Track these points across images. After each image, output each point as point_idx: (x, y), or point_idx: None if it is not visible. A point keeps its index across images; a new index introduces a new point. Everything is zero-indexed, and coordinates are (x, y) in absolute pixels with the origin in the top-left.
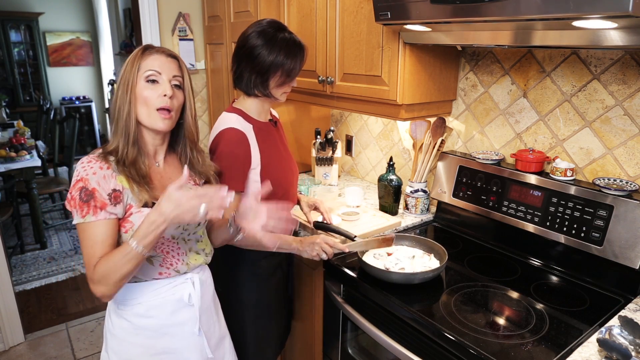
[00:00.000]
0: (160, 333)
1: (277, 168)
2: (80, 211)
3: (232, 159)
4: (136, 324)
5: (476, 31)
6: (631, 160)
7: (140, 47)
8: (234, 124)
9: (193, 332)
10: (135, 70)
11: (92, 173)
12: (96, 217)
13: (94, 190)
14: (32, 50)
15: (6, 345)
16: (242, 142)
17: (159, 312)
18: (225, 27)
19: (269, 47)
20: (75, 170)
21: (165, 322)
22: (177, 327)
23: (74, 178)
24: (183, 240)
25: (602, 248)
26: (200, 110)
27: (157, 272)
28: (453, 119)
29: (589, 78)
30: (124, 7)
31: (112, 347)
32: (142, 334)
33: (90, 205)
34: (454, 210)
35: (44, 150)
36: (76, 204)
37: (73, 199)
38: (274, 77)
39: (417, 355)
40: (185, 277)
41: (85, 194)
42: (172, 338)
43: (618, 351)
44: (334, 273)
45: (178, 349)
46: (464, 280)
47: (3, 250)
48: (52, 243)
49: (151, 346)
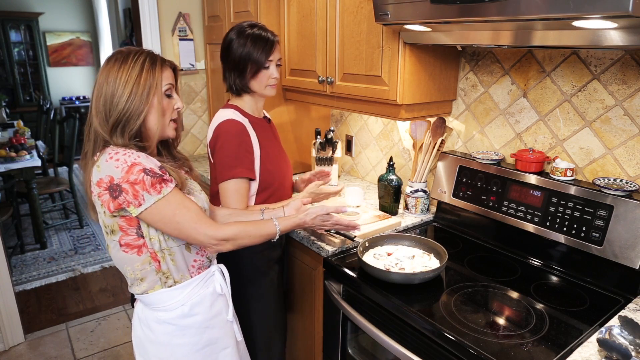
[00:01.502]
0: (203, 328)
1: (273, 160)
2: (153, 189)
3: (236, 146)
4: (182, 324)
5: (476, 31)
6: (631, 160)
7: (149, 59)
8: (232, 116)
9: (227, 320)
10: (158, 81)
11: (137, 157)
12: (170, 188)
13: (152, 170)
14: (32, 50)
15: (6, 345)
16: (242, 132)
17: (202, 308)
18: (225, 27)
19: (239, 40)
20: (110, 166)
21: (207, 316)
22: (216, 318)
23: (116, 169)
24: None
25: (602, 248)
26: (200, 110)
27: (192, 259)
28: (453, 119)
29: (589, 78)
30: (124, 7)
31: (156, 354)
32: (187, 333)
33: (162, 179)
34: (454, 210)
35: (44, 150)
36: (146, 185)
37: (134, 184)
38: (247, 69)
39: (417, 355)
40: (212, 270)
41: (151, 172)
42: (212, 330)
43: (618, 351)
44: (334, 273)
45: (218, 338)
46: (464, 280)
47: (3, 250)
48: (52, 243)
49: (196, 343)
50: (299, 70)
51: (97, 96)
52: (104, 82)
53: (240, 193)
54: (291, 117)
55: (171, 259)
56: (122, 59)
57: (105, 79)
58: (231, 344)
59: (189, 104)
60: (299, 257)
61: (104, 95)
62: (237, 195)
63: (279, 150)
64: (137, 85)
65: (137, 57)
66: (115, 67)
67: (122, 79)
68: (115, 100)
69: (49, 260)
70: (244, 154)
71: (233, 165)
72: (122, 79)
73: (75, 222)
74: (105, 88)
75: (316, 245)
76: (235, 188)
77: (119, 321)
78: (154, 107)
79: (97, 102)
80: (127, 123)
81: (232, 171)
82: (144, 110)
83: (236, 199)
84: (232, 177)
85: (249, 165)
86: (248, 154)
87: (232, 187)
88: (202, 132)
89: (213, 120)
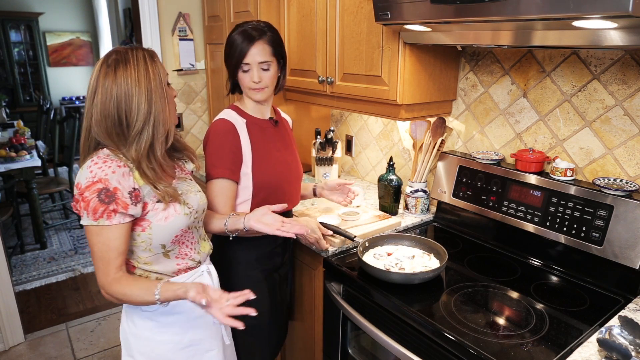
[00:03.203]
0: (186, 327)
1: (269, 165)
2: (93, 214)
3: (218, 146)
4: (163, 322)
5: (476, 31)
6: (631, 160)
7: (147, 54)
8: (224, 116)
9: (214, 321)
10: (162, 71)
11: (112, 172)
12: (110, 222)
13: (115, 191)
14: (32, 50)
15: (6, 345)
16: (229, 132)
17: (184, 308)
18: (225, 27)
19: (229, 38)
20: (85, 173)
21: (190, 316)
22: (200, 319)
23: (85, 179)
24: (195, 229)
25: (602, 248)
26: (200, 110)
27: (175, 264)
28: (453, 119)
29: (589, 78)
30: (124, 7)
31: (138, 348)
32: (169, 330)
33: (108, 208)
34: (454, 210)
35: (44, 150)
36: (90, 206)
37: (86, 200)
38: (236, 68)
39: (417, 355)
40: (201, 270)
41: (106, 195)
42: (196, 330)
43: (618, 351)
44: (334, 273)
45: (202, 339)
46: (464, 280)
47: (3, 250)
48: (52, 243)
49: (178, 341)
50: (299, 70)
51: (105, 100)
52: (110, 84)
53: (223, 194)
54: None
55: (147, 267)
56: (124, 59)
57: (112, 80)
58: (217, 346)
59: (189, 104)
60: (299, 257)
61: (115, 97)
62: (221, 196)
63: (281, 154)
64: (149, 80)
65: (136, 53)
66: (121, 68)
67: (133, 76)
68: (135, 101)
69: (49, 260)
70: (227, 154)
71: (215, 165)
72: (133, 76)
73: (75, 222)
74: (115, 90)
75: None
76: (217, 188)
77: (119, 321)
78: (164, 99)
79: (103, 106)
80: (157, 124)
81: (214, 170)
82: (164, 107)
83: (220, 200)
84: (213, 177)
85: (231, 166)
86: (232, 155)
87: (214, 187)
88: (202, 132)
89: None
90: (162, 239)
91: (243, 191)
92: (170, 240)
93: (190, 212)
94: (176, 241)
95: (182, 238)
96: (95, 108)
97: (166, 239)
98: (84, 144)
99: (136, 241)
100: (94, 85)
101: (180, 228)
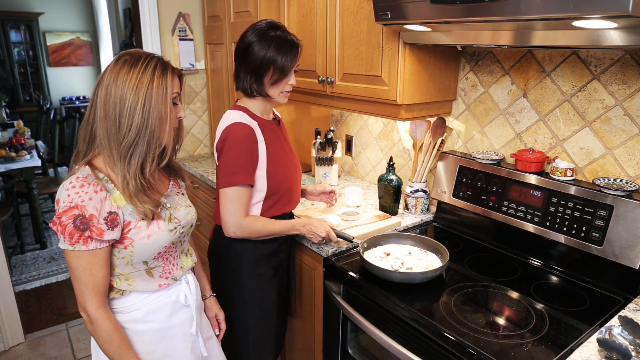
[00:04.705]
0: (159, 337)
1: (282, 165)
2: (69, 238)
3: (239, 151)
4: (134, 329)
5: (476, 31)
6: (631, 160)
7: (160, 65)
8: (241, 120)
9: (190, 332)
10: (169, 88)
11: (88, 199)
12: (87, 247)
13: (91, 218)
14: (32, 50)
15: (6, 345)
16: (249, 137)
17: (158, 316)
18: (225, 27)
19: (261, 43)
20: (64, 194)
21: (164, 325)
22: (175, 329)
23: (63, 203)
24: (180, 243)
25: (602, 248)
26: (200, 110)
27: (157, 284)
28: (453, 119)
29: (589, 78)
30: (124, 7)
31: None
32: (140, 339)
33: (83, 235)
34: (454, 210)
35: (44, 150)
36: (66, 231)
37: (62, 224)
38: (267, 74)
39: (417, 355)
40: (179, 281)
41: (81, 222)
42: (170, 341)
43: (618, 351)
44: (334, 273)
45: (176, 350)
46: (464, 280)
47: (3, 250)
48: (52, 243)
49: (151, 352)
50: (299, 70)
51: (106, 97)
52: (112, 82)
53: (241, 200)
54: (291, 117)
55: (128, 284)
56: (133, 62)
57: (113, 79)
58: (192, 358)
59: (189, 104)
60: (298, 257)
61: (113, 97)
62: (238, 202)
63: (287, 152)
64: (150, 92)
65: (149, 61)
66: (125, 69)
67: (132, 82)
68: (127, 106)
69: (49, 260)
70: (248, 160)
71: (236, 172)
72: (132, 82)
73: None
74: (114, 90)
75: (316, 245)
76: (236, 195)
77: None
78: (163, 118)
79: (105, 103)
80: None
81: (235, 178)
82: (158, 125)
83: (236, 206)
84: (234, 184)
85: (251, 172)
86: (252, 161)
87: (233, 194)
88: (202, 132)
89: (221, 121)
90: (143, 256)
91: (255, 194)
92: (152, 257)
93: (176, 227)
94: (159, 257)
95: (165, 254)
96: (99, 101)
97: (148, 255)
98: (82, 141)
99: (117, 257)
100: (100, 79)
101: (164, 245)
